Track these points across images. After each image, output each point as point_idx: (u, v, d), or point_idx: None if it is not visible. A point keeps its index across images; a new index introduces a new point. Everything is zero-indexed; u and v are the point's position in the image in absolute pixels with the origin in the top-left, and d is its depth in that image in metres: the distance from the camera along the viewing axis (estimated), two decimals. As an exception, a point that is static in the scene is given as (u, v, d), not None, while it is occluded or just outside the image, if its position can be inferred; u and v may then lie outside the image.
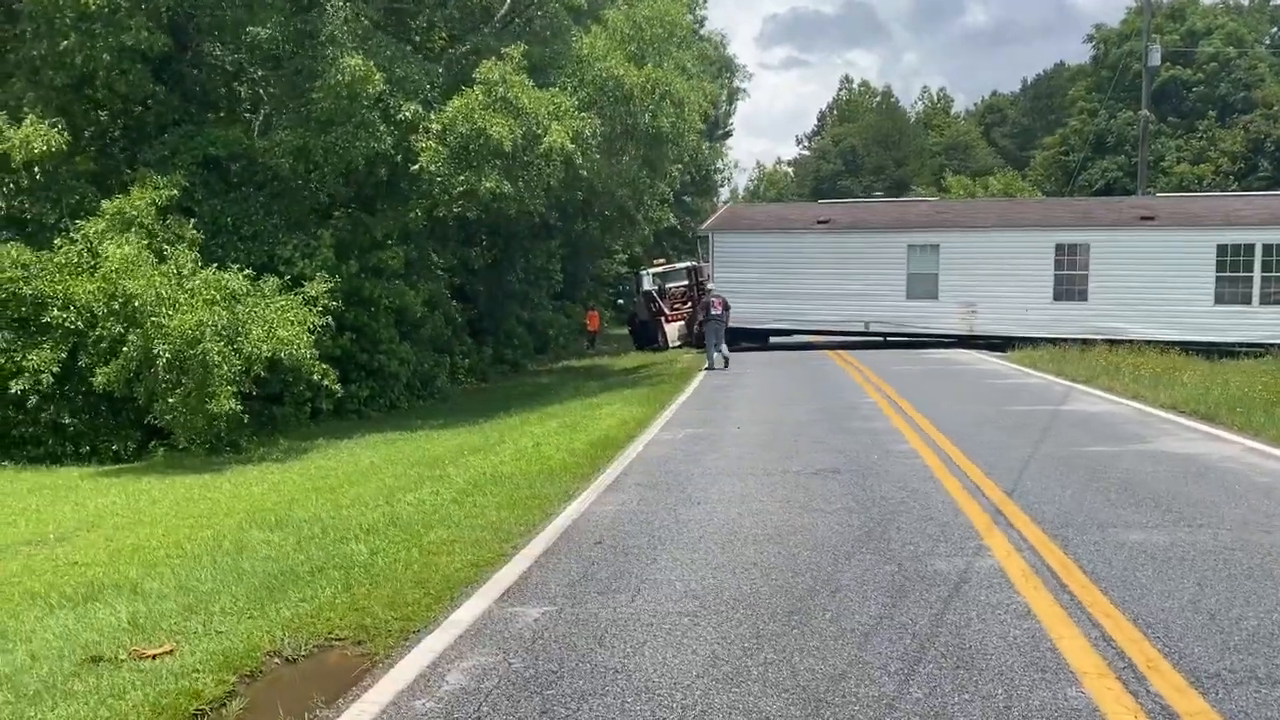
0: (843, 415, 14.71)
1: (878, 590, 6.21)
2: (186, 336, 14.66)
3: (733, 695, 4.68)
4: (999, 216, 29.50)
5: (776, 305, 29.25)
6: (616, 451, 12.43)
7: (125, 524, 12.14)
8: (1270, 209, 27.10)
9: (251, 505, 12.48)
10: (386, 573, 7.17)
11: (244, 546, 9.07)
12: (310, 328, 16.53)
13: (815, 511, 8.43)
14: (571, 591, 6.45)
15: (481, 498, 9.89)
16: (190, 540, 10.20)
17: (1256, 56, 47.14)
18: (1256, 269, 25.88)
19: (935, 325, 28.27)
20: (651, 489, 9.79)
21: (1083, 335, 26.16)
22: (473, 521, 8.77)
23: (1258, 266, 25.89)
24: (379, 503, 10.55)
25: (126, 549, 10.32)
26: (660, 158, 21.14)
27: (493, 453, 13.67)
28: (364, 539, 8.41)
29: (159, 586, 7.68)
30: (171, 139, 18.94)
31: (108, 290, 15.20)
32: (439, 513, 9.33)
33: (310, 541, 8.70)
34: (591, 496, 9.54)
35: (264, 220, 19.46)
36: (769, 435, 12.99)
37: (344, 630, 6.03)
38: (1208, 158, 44.99)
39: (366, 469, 14.71)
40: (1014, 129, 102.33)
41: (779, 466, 10.67)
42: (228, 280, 16.00)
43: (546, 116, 18.81)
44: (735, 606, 5.99)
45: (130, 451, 17.14)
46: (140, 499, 13.78)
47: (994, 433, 12.63)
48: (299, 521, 10.15)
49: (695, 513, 8.58)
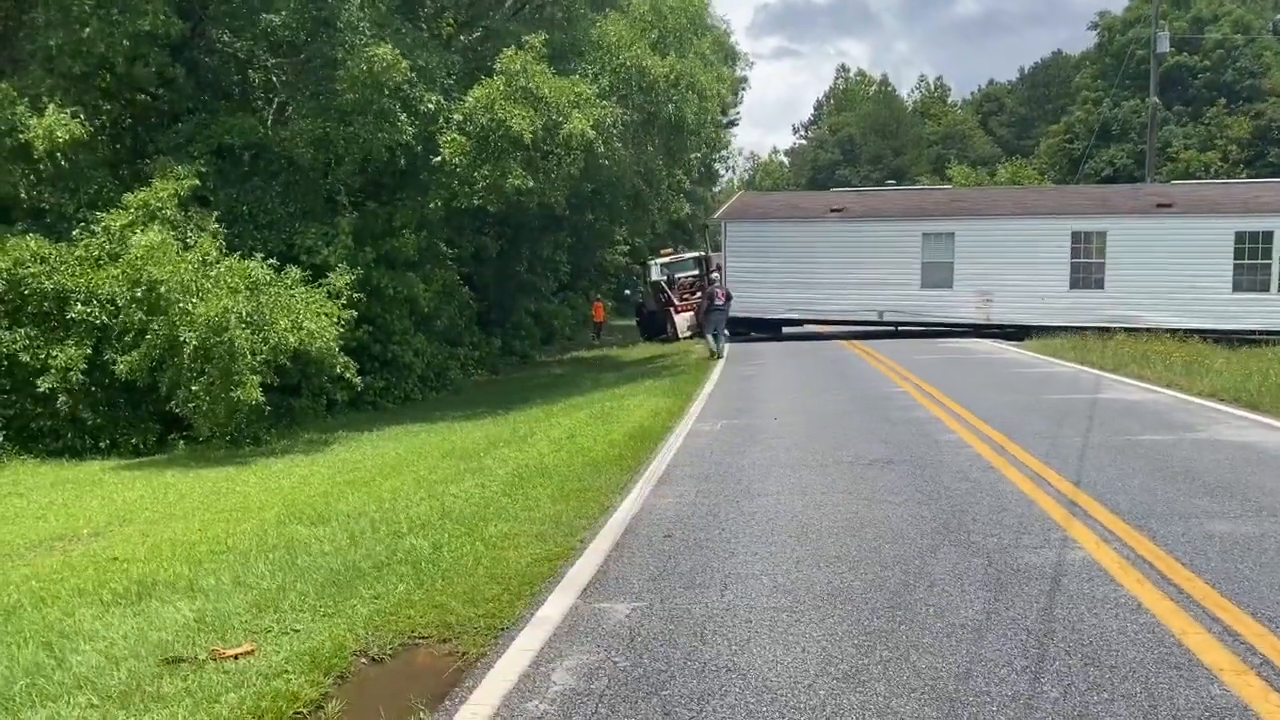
0: (879, 405, 14.53)
1: (974, 584, 6.03)
2: (212, 324, 14.42)
3: (860, 696, 4.50)
4: (1015, 204, 29.32)
5: (790, 294, 29.09)
6: (656, 443, 12.23)
7: (158, 518, 11.94)
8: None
9: (285, 499, 12.29)
10: (456, 568, 6.98)
11: (292, 542, 8.87)
12: (336, 320, 16.29)
13: (882, 503, 8.24)
14: (656, 586, 6.26)
15: (531, 490, 9.69)
16: (230, 535, 10.00)
17: (1263, 44, 46.98)
18: (1275, 256, 25.78)
19: (951, 314, 28.11)
20: (705, 481, 9.60)
21: (1099, 324, 26.03)
22: (529, 515, 8.57)
23: (1276, 253, 25.80)
24: (421, 496, 10.35)
25: (165, 544, 10.12)
26: (680, 147, 20.91)
27: (526, 445, 13.48)
28: (420, 533, 8.22)
29: (215, 583, 7.47)
30: (186, 127, 18.68)
31: (131, 277, 14.95)
32: (491, 506, 9.13)
33: (364, 536, 8.50)
34: (645, 489, 9.34)
35: (280, 209, 19.19)
36: (810, 426, 12.81)
37: (427, 628, 5.83)
38: (1215, 144, 44.86)
39: (396, 461, 14.52)
40: (1012, 118, 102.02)
41: (830, 457, 10.49)
42: (252, 269, 15.76)
43: (567, 105, 18.57)
44: (831, 601, 5.81)
45: (150, 444, 16.92)
46: (168, 493, 13.58)
47: (1039, 421, 12.45)
48: (342, 516, 9.96)
49: (759, 505, 8.39)
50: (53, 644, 6.40)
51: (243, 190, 19.12)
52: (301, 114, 18.42)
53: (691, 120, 19.87)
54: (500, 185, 18.52)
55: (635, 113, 19.45)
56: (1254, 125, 44.68)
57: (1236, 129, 44.78)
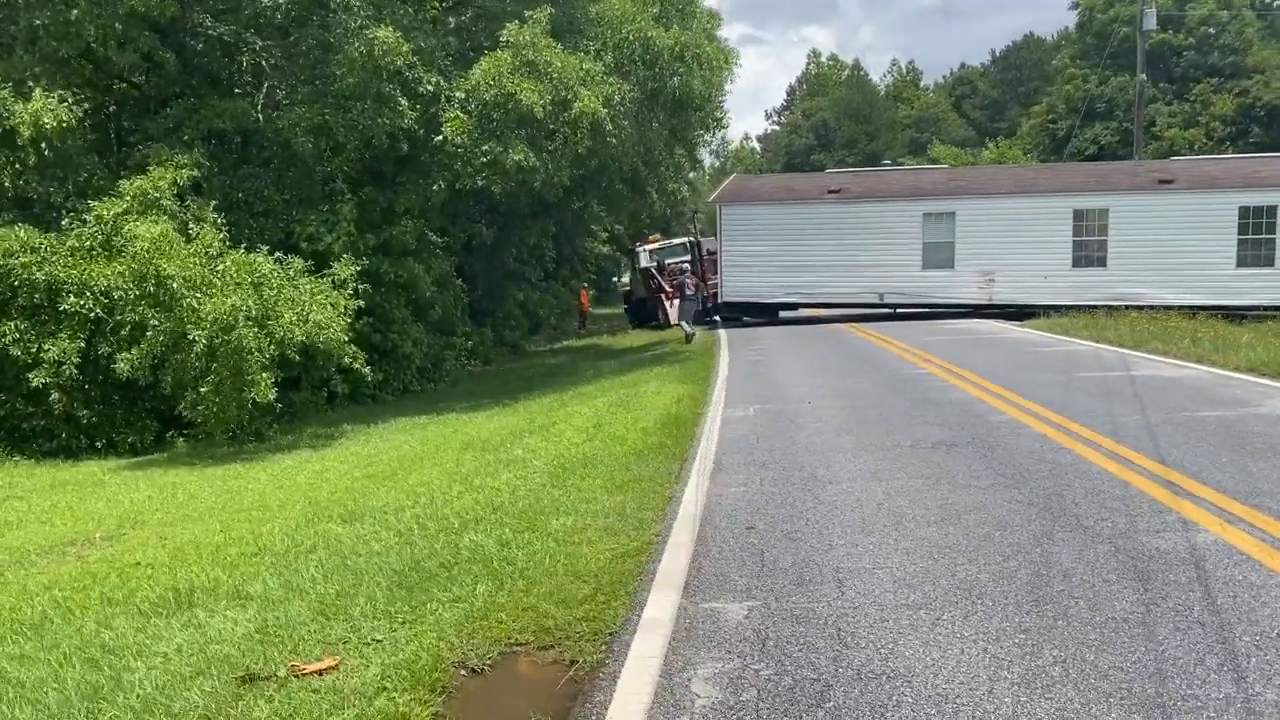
0: (910, 387, 14.09)
1: (1111, 573, 5.57)
2: (221, 321, 13.77)
3: (1051, 703, 4.02)
4: (1015, 183, 28.98)
5: (787, 278, 28.66)
6: (691, 430, 11.71)
7: (172, 520, 11.31)
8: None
9: (305, 496, 11.70)
10: (534, 566, 6.45)
11: (332, 542, 8.32)
12: (344, 310, 15.68)
13: (966, 488, 7.78)
14: (764, 584, 5.76)
15: (580, 481, 9.16)
16: (258, 536, 9.42)
17: (1245, 21, 46.95)
18: (1279, 231, 25.56)
19: (953, 295, 27.77)
20: (763, 469, 9.10)
21: (1103, 302, 25.79)
22: (589, 507, 8.05)
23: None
24: (459, 490, 9.79)
25: (187, 547, 9.52)
26: (685, 124, 20.33)
27: (551, 435, 12.91)
28: (477, 529, 7.68)
29: (264, 589, 6.91)
30: (175, 112, 17.93)
31: (138, 271, 14.23)
32: (543, 498, 8.59)
33: (413, 534, 7.95)
34: (702, 478, 8.83)
35: (276, 196, 18.50)
36: (849, 409, 12.34)
37: (523, 633, 5.31)
38: (1199, 122, 44.82)
39: (413, 454, 13.93)
40: (985, 100, 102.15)
41: (886, 441, 10.02)
42: (258, 263, 15.09)
43: (575, 81, 17.98)
44: (965, 596, 5.33)
45: (148, 443, 16.23)
46: (176, 493, 12.93)
47: (1085, 399, 12.04)
48: (377, 512, 9.41)
49: (835, 493, 7.90)
50: (98, 661, 5.84)
51: (236, 178, 18.40)
52: (298, 100, 17.70)
53: (699, 93, 19.29)
54: (502, 162, 17.88)
55: (639, 88, 18.85)
56: (1238, 103, 44.64)
57: (1220, 106, 44.75)
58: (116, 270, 14.39)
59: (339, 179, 19.62)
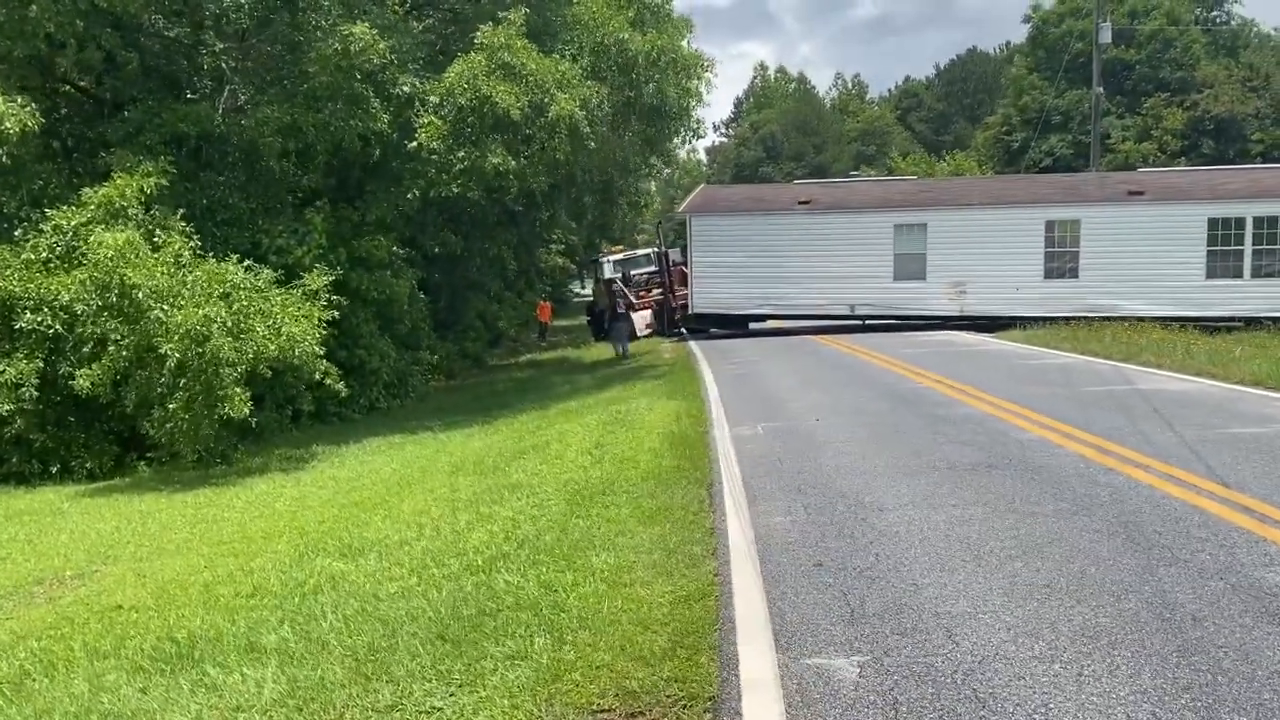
0: (914, 402, 13.65)
1: (1244, 614, 5.09)
2: (194, 334, 12.91)
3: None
4: (987, 194, 28.86)
5: (757, 289, 28.30)
6: (703, 451, 11.09)
7: (146, 553, 10.48)
8: (1260, 182, 26.91)
9: (290, 526, 10.91)
10: (590, 614, 5.81)
11: (338, 581, 7.62)
12: (317, 322, 14.88)
13: (1032, 515, 7.29)
14: (860, 632, 5.19)
15: (604, 510, 8.52)
16: (248, 573, 8.68)
17: (1192, 37, 47.69)
18: (1248, 242, 25.66)
19: (924, 307, 27.56)
20: (800, 494, 8.55)
21: (1075, 313, 25.73)
22: (626, 542, 7.42)
23: (1248, 240, 25.66)
24: (468, 520, 9.11)
25: (171, 586, 8.74)
26: (660, 133, 19.78)
27: (549, 456, 12.22)
28: (508, 568, 7.02)
29: (278, 641, 6.19)
30: (134, 116, 16.97)
31: (100, 281, 13.30)
32: (570, 530, 7.94)
33: (432, 572, 7.27)
34: (739, 506, 8.24)
35: (241, 204, 17.63)
36: (863, 427, 11.84)
37: (604, 698, 4.67)
38: (1152, 136, 45.36)
39: (399, 478, 13.18)
40: (930, 114, 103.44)
41: (919, 461, 9.53)
42: (230, 272, 14.25)
43: (553, 84, 17.36)
44: (1096, 645, 4.80)
45: (107, 467, 15.24)
46: (146, 522, 12.04)
47: (1104, 415, 11.66)
48: (380, 545, 8.71)
49: (890, 522, 7.37)
50: (106, 733, 5.11)
51: (198, 184, 17.48)
52: (265, 100, 16.84)
53: (673, 101, 18.74)
54: (480, 166, 17.20)
55: (616, 93, 18.26)
56: (1188, 116, 45.26)
57: (1171, 120, 45.34)
58: (77, 280, 13.44)
59: (306, 186, 18.72)
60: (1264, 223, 25.54)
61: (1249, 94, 45.30)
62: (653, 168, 26.43)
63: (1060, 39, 47.63)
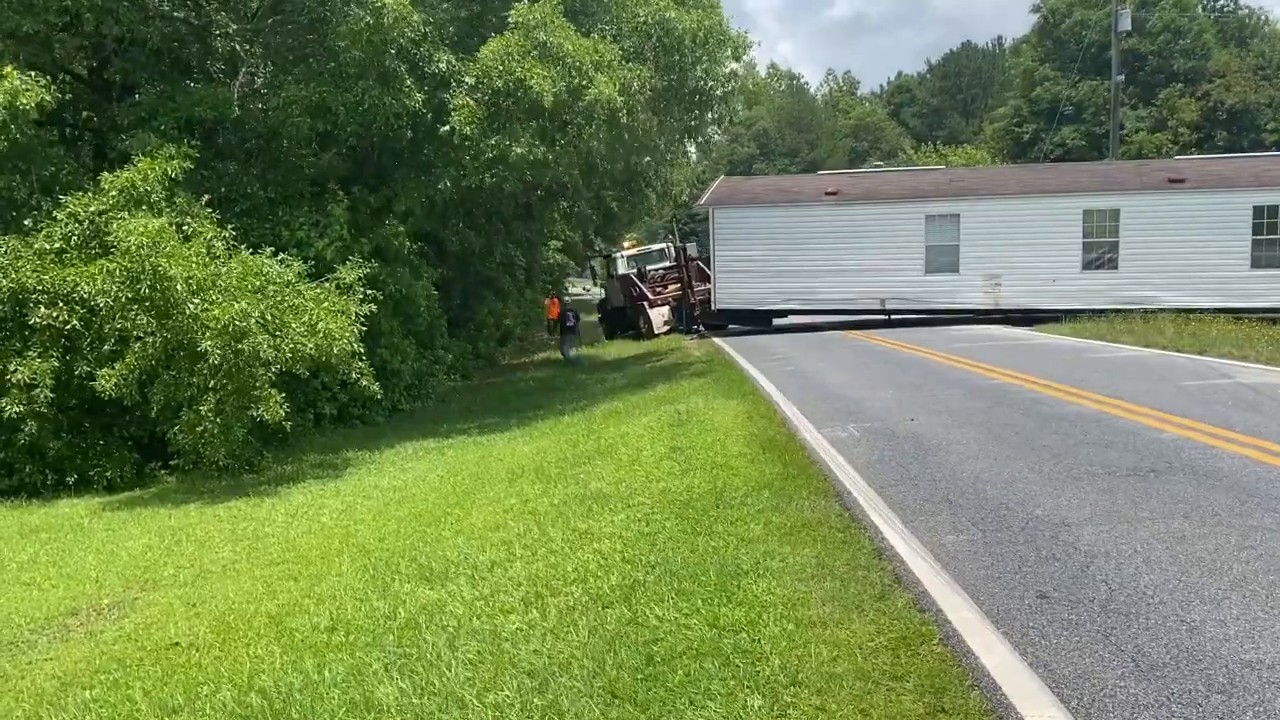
0: (1006, 399, 12.60)
1: None
2: (234, 330, 11.78)
3: None
4: (1021, 183, 27.90)
5: (783, 284, 27.29)
6: (799, 455, 10.02)
7: (191, 577, 9.34)
8: (1308, 168, 26.10)
9: (347, 543, 9.81)
10: (795, 664, 4.74)
11: (433, 612, 6.61)
12: (354, 319, 13.78)
13: (1256, 530, 6.28)
14: (1168, 690, 4.16)
15: (728, 526, 7.45)
16: (318, 601, 7.62)
17: (1202, 26, 46.96)
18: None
19: (958, 300, 26.56)
20: (955, 507, 7.50)
21: (1114, 306, 24.77)
22: (779, 565, 6.36)
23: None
24: (561, 535, 8.02)
25: (232, 619, 7.63)
26: (702, 119, 18.68)
27: (620, 461, 11.11)
28: (649, 598, 5.96)
29: (396, 696, 5.15)
30: (147, 100, 15.81)
31: (131, 272, 12.12)
32: (700, 551, 6.86)
33: (549, 603, 6.25)
34: (891, 521, 7.19)
35: (260, 193, 16.48)
36: (969, 427, 10.80)
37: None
38: (1166, 126, 44.61)
39: (452, 487, 12.08)
40: (924, 109, 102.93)
41: (1066, 468, 8.48)
42: (264, 265, 13.11)
43: (591, 67, 16.26)
44: None
45: (128, 477, 14.07)
46: (181, 540, 10.89)
47: (1236, 412, 10.65)
48: (465, 567, 7.66)
49: (1089, 539, 6.33)
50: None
51: (214, 172, 16.32)
52: (291, 80, 15.67)
53: (721, 82, 17.62)
54: (506, 155, 16.09)
55: (658, 76, 17.14)
56: (1201, 107, 44.52)
57: (1185, 111, 44.58)
58: (105, 270, 12.23)
59: (329, 173, 17.52)
60: (1313, 210, 24.71)
61: (1261, 83, 44.59)
62: (687, 156, 25.25)
63: (1072, 29, 46.80)
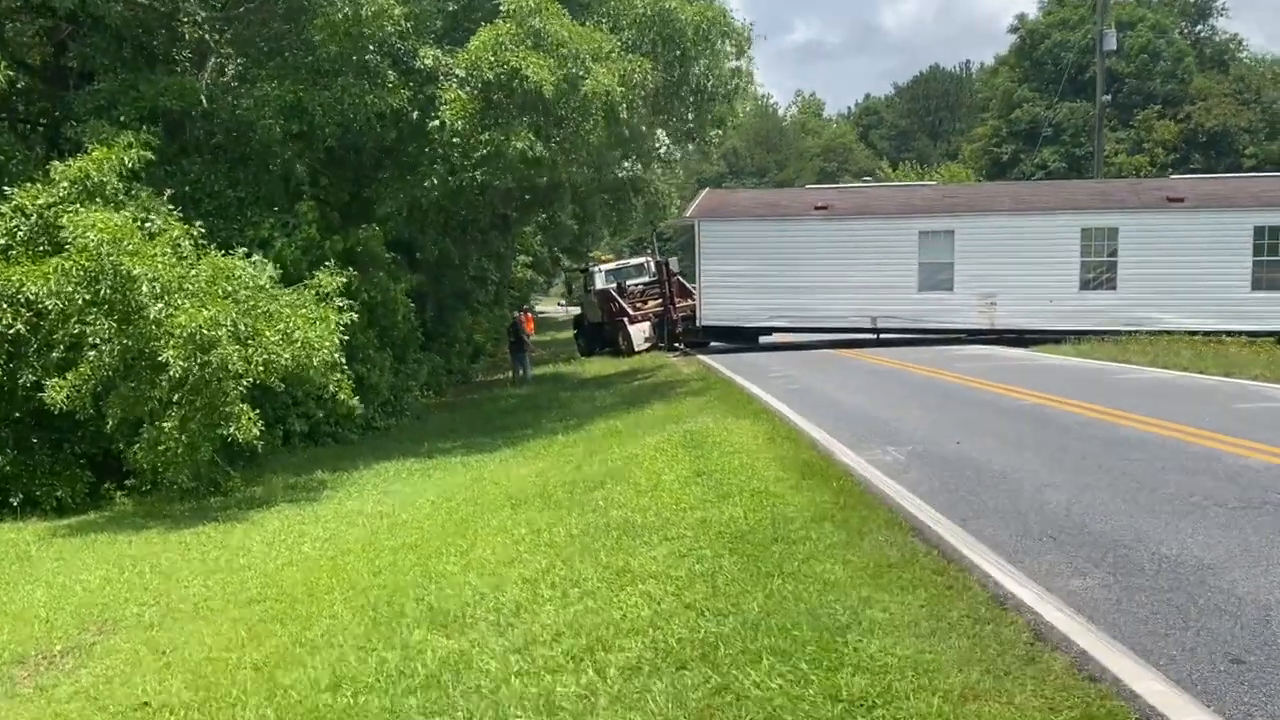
0: (1056, 424, 11.63)
1: None
2: (201, 339, 10.55)
3: None
4: (1016, 200, 27.17)
5: (771, 300, 26.27)
6: (846, 481, 8.94)
7: (157, 617, 8.08)
8: (1308, 188, 25.62)
9: (335, 578, 8.58)
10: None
11: (461, 670, 5.52)
12: (335, 329, 12.58)
13: None
14: None
15: (801, 566, 6.37)
16: (312, 651, 6.48)
17: (1181, 49, 46.92)
18: None
19: (952, 319, 25.72)
20: (1057, 542, 6.50)
21: (1112, 327, 24.08)
22: (882, 618, 5.30)
23: None
24: (598, 575, 6.88)
25: (208, 670, 6.47)
26: (703, 119, 17.65)
27: (637, 487, 9.92)
28: (739, 658, 4.86)
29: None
30: (108, 86, 14.53)
31: (89, 271, 10.82)
32: (776, 596, 5.78)
33: (605, 660, 5.15)
34: (998, 564, 6.13)
35: (229, 193, 15.24)
36: (1025, 452, 9.82)
37: None
38: (1144, 148, 44.41)
39: (446, 514, 10.89)
40: (892, 130, 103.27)
41: (1163, 499, 7.50)
42: (236, 266, 11.88)
43: (589, 57, 15.20)
44: None
45: (80, 498, 12.71)
46: (143, 571, 9.57)
47: (1312, 438, 9.78)
48: (485, 611, 6.58)
49: (1248, 588, 5.33)
50: None
51: (179, 169, 15.05)
52: (263, 75, 14.48)
53: (726, 79, 16.61)
54: (503, 150, 14.99)
55: (660, 72, 16.10)
56: (1180, 129, 44.37)
57: (1163, 132, 44.41)
58: (59, 269, 10.90)
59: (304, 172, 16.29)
60: (1312, 232, 24.19)
61: (1241, 107, 44.56)
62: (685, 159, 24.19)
63: (1050, 50, 46.56)
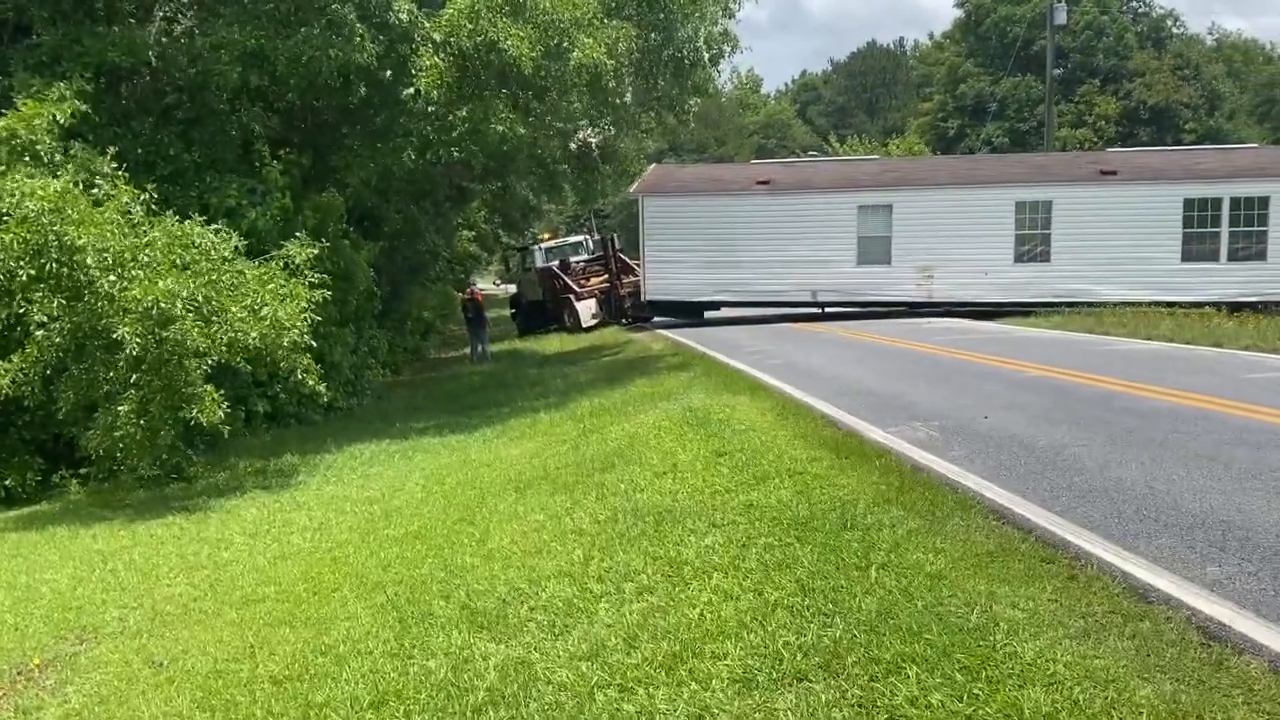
0: (1080, 397, 11.13)
1: None
2: (158, 314, 9.61)
3: None
4: (953, 174, 27.25)
5: (715, 275, 26.02)
6: (890, 460, 8.26)
7: (145, 622, 7.24)
8: (1236, 163, 25.81)
9: (339, 571, 7.82)
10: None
11: (529, 683, 4.88)
12: (307, 304, 11.70)
13: None
14: None
15: (887, 555, 5.76)
16: (333, 659, 5.81)
17: (1123, 26, 47.33)
18: (1224, 224, 24.36)
19: (889, 292, 25.74)
20: (1163, 526, 5.99)
21: (1047, 299, 24.38)
22: (1024, 616, 4.72)
23: (1225, 222, 24.36)
24: (652, 567, 6.20)
25: (220, 686, 5.71)
26: (683, 87, 16.89)
27: (654, 468, 9.21)
28: (872, 668, 4.24)
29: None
30: (50, 41, 13.36)
31: (32, 244, 9.76)
32: (885, 593, 5.15)
33: (701, 669, 4.50)
34: (1122, 555, 5.58)
35: (186, 155, 14.16)
36: (1059, 423, 9.35)
37: None
38: (1085, 122, 44.73)
39: (444, 499, 10.12)
40: (830, 107, 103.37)
41: (1265, 476, 7.06)
42: (195, 234, 10.91)
43: (569, 24, 14.38)
44: None
45: (31, 487, 11.68)
46: (116, 568, 8.66)
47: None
48: (529, 609, 5.97)
49: None
50: None
51: (130, 130, 13.92)
52: (222, 22, 13.39)
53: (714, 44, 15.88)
54: (482, 129, 14.17)
55: (643, 36, 15.32)
56: (1122, 105, 44.78)
57: (1104, 107, 44.78)
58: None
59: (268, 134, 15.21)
60: (1240, 204, 24.29)
61: (1180, 83, 45.09)
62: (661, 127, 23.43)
63: (995, 25, 46.62)
